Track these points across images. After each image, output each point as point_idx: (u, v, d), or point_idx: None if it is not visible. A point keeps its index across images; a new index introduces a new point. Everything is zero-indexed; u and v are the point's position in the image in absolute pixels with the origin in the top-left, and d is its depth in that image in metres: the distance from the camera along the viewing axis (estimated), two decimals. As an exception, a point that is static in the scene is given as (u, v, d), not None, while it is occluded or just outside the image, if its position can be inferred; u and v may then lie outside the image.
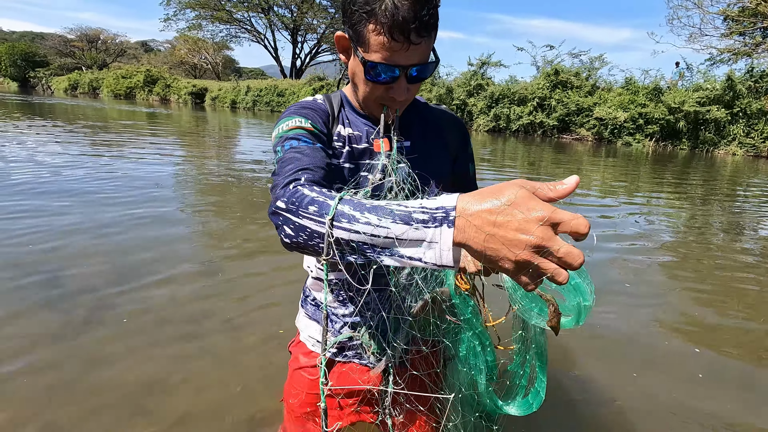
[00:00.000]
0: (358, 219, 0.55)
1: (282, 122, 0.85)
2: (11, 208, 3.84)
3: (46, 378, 1.75)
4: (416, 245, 0.52)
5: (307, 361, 1.06)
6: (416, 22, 0.72)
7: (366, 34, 0.76)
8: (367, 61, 0.77)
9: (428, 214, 0.51)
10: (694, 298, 2.97)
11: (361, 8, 0.75)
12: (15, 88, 40.84)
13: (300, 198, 0.62)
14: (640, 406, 1.84)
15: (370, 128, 0.92)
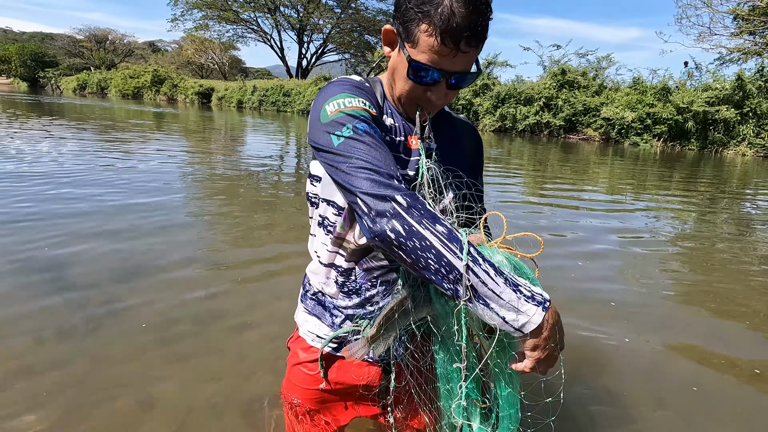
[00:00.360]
0: (479, 262, 0.66)
1: (339, 97, 0.80)
2: (21, 208, 3.88)
3: (54, 374, 1.77)
4: (511, 310, 0.66)
5: (306, 356, 1.04)
6: (469, 31, 0.73)
7: (417, 33, 0.75)
8: (413, 60, 0.77)
9: (531, 293, 0.68)
10: (703, 300, 2.95)
11: (417, 6, 0.74)
12: (25, 88, 41.30)
13: (424, 208, 0.69)
14: (646, 412, 1.82)
15: (404, 124, 0.91)
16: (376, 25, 35.78)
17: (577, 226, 4.54)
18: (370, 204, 0.70)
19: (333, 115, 0.77)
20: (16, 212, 3.72)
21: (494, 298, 0.66)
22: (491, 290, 0.66)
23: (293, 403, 1.09)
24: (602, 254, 3.69)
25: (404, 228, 0.67)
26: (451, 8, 0.72)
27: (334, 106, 0.78)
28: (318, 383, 1.03)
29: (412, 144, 0.90)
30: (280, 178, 6.52)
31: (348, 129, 0.75)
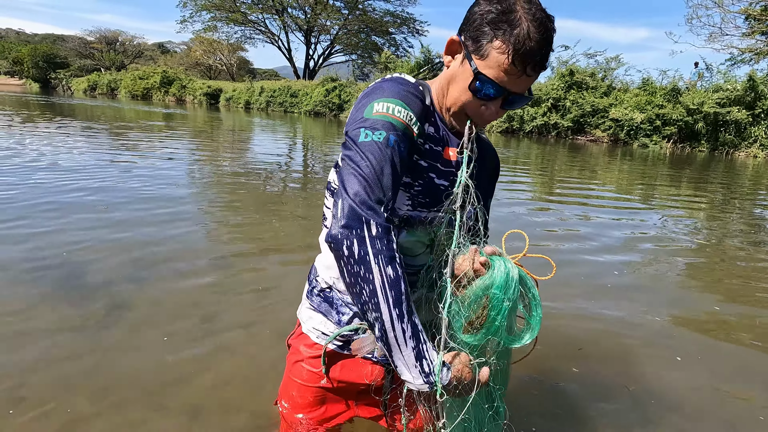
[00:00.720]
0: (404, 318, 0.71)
1: (392, 102, 0.80)
2: (34, 204, 3.94)
3: (67, 369, 1.79)
4: (405, 369, 0.73)
5: (309, 352, 1.04)
6: (539, 56, 0.76)
7: (488, 49, 0.77)
8: (480, 73, 0.78)
9: (430, 371, 0.73)
10: (713, 299, 2.91)
11: (493, 23, 0.76)
12: (37, 89, 41.90)
13: (387, 246, 0.71)
14: (663, 406, 1.80)
15: (445, 134, 0.91)
16: (383, 26, 35.83)
17: (588, 224, 4.51)
18: (346, 212, 0.71)
19: (377, 115, 0.78)
20: (31, 212, 3.77)
21: (397, 353, 0.73)
22: (398, 347, 0.72)
23: (291, 406, 1.09)
24: (612, 249, 3.66)
25: (359, 253, 0.70)
26: (528, 32, 0.74)
27: (383, 107, 0.79)
28: (320, 380, 1.03)
29: (450, 155, 0.91)
30: (288, 177, 6.54)
31: (380, 134, 0.76)
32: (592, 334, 2.38)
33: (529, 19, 0.75)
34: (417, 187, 0.88)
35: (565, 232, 4.33)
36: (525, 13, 0.76)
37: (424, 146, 0.89)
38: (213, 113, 21.05)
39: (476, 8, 0.79)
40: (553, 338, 2.27)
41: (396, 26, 36.20)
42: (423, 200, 0.89)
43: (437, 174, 0.90)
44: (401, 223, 0.90)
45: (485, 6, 0.78)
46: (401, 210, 0.89)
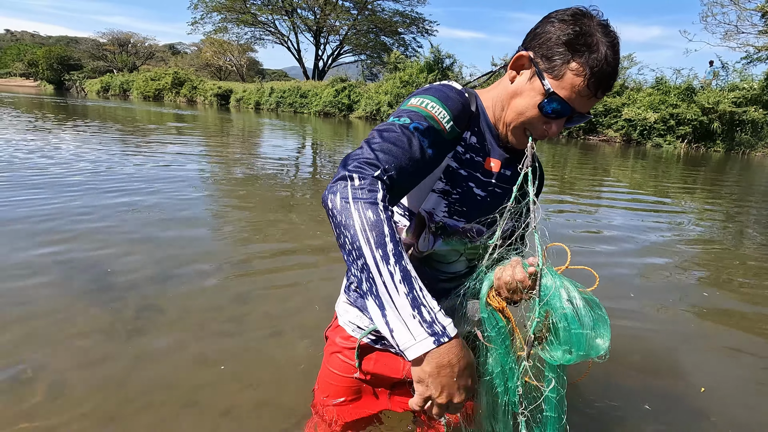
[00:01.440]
0: (389, 262, 0.63)
1: (428, 98, 0.82)
2: (60, 208, 4.01)
3: (100, 372, 1.82)
4: (401, 325, 0.63)
5: (345, 343, 1.07)
6: (612, 80, 0.80)
7: (563, 69, 0.78)
8: (553, 93, 0.79)
9: (433, 320, 0.63)
10: (728, 307, 2.86)
11: (571, 45, 0.77)
12: (51, 90, 42.60)
13: (370, 194, 0.66)
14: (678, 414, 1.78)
15: (492, 146, 0.92)
16: (393, 27, 35.82)
17: (609, 225, 4.47)
18: (339, 170, 0.69)
19: (410, 107, 0.80)
20: (56, 215, 3.84)
21: (388, 303, 0.62)
22: (389, 296, 0.62)
23: (322, 401, 1.11)
24: (621, 260, 3.62)
25: (341, 202, 0.65)
26: (605, 56, 0.77)
27: (418, 101, 0.81)
28: (353, 372, 1.06)
29: (491, 166, 0.92)
30: (300, 177, 6.57)
31: (405, 120, 0.77)
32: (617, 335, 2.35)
33: (607, 42, 0.77)
34: (455, 195, 0.90)
35: (584, 234, 4.30)
36: (603, 36, 0.77)
37: (465, 156, 0.89)
38: (224, 114, 21.23)
39: (550, 27, 0.80)
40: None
41: (405, 26, 36.18)
42: (460, 209, 0.91)
43: (476, 184, 0.91)
44: (438, 230, 0.91)
45: (562, 26, 0.78)
46: (437, 216, 0.90)
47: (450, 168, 0.89)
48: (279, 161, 7.90)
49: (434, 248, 0.92)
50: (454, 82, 0.91)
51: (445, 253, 0.94)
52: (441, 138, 0.79)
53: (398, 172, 0.71)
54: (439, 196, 0.89)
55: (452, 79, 0.96)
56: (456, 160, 0.89)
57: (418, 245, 0.92)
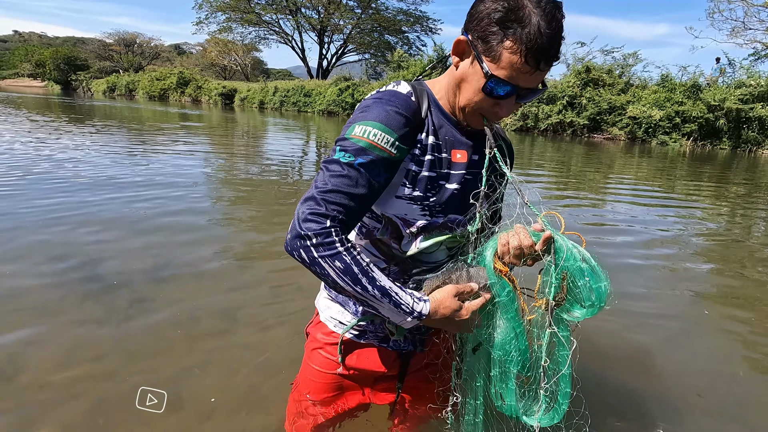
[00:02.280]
0: (367, 289, 0.80)
1: (370, 125, 0.81)
2: (56, 203, 4.05)
3: (88, 368, 1.84)
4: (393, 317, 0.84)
5: (327, 339, 1.07)
6: (551, 51, 0.76)
7: (499, 49, 0.76)
8: (492, 75, 0.78)
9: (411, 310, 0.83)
10: (732, 305, 2.84)
11: (502, 23, 0.75)
12: (58, 90, 42.97)
13: (328, 247, 0.78)
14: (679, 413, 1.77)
15: (454, 137, 0.91)
16: (396, 25, 35.79)
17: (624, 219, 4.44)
18: (294, 226, 0.79)
19: (353, 138, 0.81)
20: (51, 211, 3.88)
21: (382, 310, 0.83)
22: (378, 307, 0.82)
23: (303, 398, 1.11)
24: (625, 259, 3.60)
25: (309, 258, 0.79)
26: (538, 28, 0.73)
27: (360, 131, 0.81)
28: (336, 368, 1.06)
29: (458, 157, 0.91)
30: (302, 175, 6.59)
31: (349, 156, 0.80)
32: (613, 331, 2.35)
33: (539, 13, 0.73)
34: (432, 198, 0.90)
35: (590, 227, 4.27)
36: (534, 7, 0.74)
37: (427, 157, 0.89)
38: (228, 113, 21.32)
39: (481, 6, 0.77)
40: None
41: (409, 25, 36.14)
42: (439, 208, 0.91)
43: (447, 180, 0.91)
44: (419, 231, 0.92)
45: (491, 4, 0.76)
46: (418, 221, 0.91)
47: (413, 172, 0.88)
48: (282, 159, 7.92)
49: (418, 247, 0.93)
50: (403, 83, 0.89)
51: (426, 247, 0.94)
52: (390, 161, 0.82)
53: (348, 213, 0.80)
54: (409, 203, 0.89)
55: (404, 78, 0.96)
56: (417, 164, 0.88)
57: (402, 246, 0.93)
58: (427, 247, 0.94)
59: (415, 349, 1.05)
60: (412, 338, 1.04)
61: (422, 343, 1.05)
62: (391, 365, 1.05)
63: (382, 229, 0.94)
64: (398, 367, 1.07)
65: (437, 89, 0.92)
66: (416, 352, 1.06)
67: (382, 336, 1.03)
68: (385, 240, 0.94)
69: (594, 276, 0.78)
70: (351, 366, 1.05)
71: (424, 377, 1.09)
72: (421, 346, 1.05)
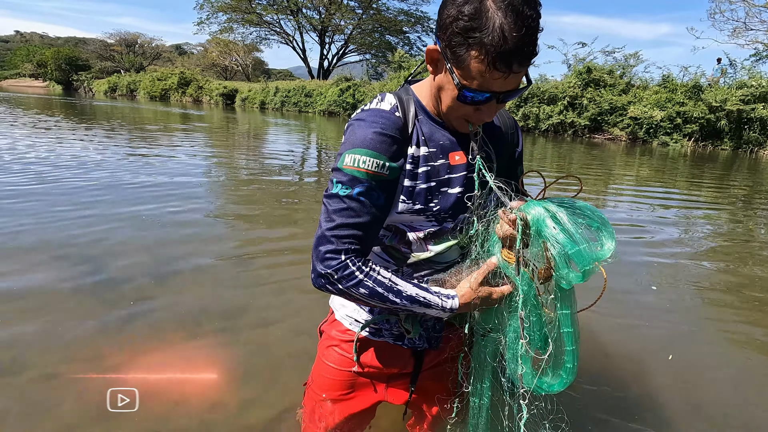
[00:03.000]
0: (397, 303, 0.85)
1: (358, 153, 0.82)
2: (58, 203, 4.06)
3: (95, 364, 1.85)
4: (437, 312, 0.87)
5: (342, 336, 1.07)
6: (521, 54, 0.71)
7: (466, 59, 0.74)
8: (463, 86, 0.77)
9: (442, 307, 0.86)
10: (736, 305, 2.84)
11: (465, 32, 0.71)
12: (59, 90, 43.03)
13: (348, 278, 0.82)
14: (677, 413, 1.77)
15: (448, 140, 0.90)
16: (397, 26, 35.80)
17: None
18: (315, 268, 0.83)
19: (346, 168, 0.82)
20: (55, 211, 3.89)
21: (418, 311, 0.87)
22: (413, 311, 0.86)
23: (317, 396, 1.11)
24: (627, 258, 3.60)
25: (337, 291, 0.83)
26: (502, 33, 0.69)
27: (351, 160, 0.82)
28: (351, 365, 1.06)
29: (456, 159, 0.90)
30: (303, 175, 6.60)
31: (346, 189, 0.81)
32: (613, 327, 2.35)
33: (503, 14, 0.69)
34: (435, 207, 0.90)
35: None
36: (497, 8, 0.69)
37: (418, 170, 0.88)
38: (229, 113, 21.34)
39: (446, 13, 0.74)
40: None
41: (410, 25, 36.15)
42: (446, 214, 0.91)
43: (449, 185, 0.90)
44: (428, 237, 0.93)
45: (453, 11, 0.72)
46: (425, 228, 0.92)
47: (409, 188, 0.88)
48: (283, 158, 7.93)
49: (431, 251, 0.94)
50: (388, 96, 0.88)
51: (439, 250, 0.95)
52: (386, 182, 0.83)
53: (360, 241, 0.83)
54: (412, 215, 0.90)
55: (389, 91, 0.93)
56: (411, 178, 0.88)
57: (413, 252, 0.94)
58: (440, 251, 0.95)
59: (430, 346, 1.05)
60: (428, 336, 1.03)
61: (437, 341, 1.04)
62: (405, 363, 1.06)
63: (390, 236, 0.94)
64: (412, 365, 1.07)
65: (424, 95, 0.91)
66: (430, 350, 1.06)
67: (397, 334, 1.03)
68: (395, 245, 0.95)
69: (568, 242, 0.75)
70: (366, 364, 1.06)
71: (437, 375, 1.08)
72: (436, 343, 1.04)
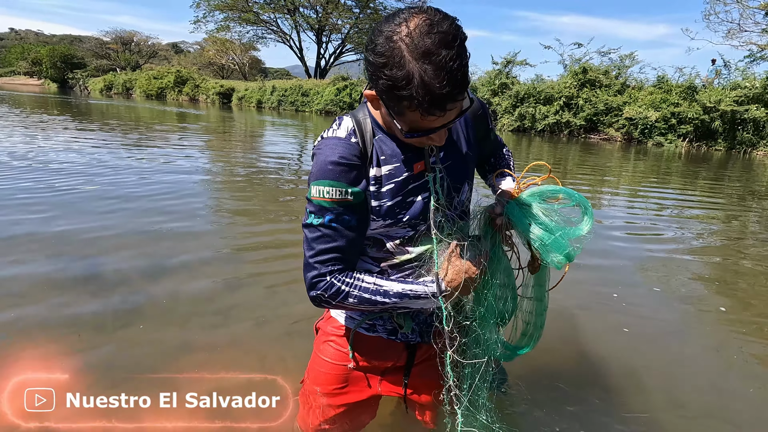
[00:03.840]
0: (387, 302, 0.91)
1: (322, 184, 0.86)
2: (52, 201, 4.05)
3: (86, 368, 1.86)
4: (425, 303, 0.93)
5: (338, 332, 1.10)
6: (450, 96, 0.71)
7: (401, 109, 0.75)
8: (406, 132, 0.80)
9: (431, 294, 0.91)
10: (728, 302, 2.88)
11: (391, 90, 0.72)
12: (55, 89, 42.72)
13: (336, 292, 0.90)
14: (667, 413, 1.80)
15: (410, 152, 0.92)
16: (395, 25, 35.68)
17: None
18: (307, 289, 0.92)
19: (315, 200, 0.88)
20: (48, 209, 3.89)
21: (410, 306, 0.92)
22: (405, 307, 0.93)
23: (312, 391, 1.14)
24: (625, 255, 3.64)
25: (330, 307, 0.94)
26: (424, 85, 0.69)
27: (316, 192, 0.87)
28: (346, 359, 1.09)
29: (418, 168, 0.93)
30: (299, 175, 6.61)
31: (318, 218, 0.88)
32: (605, 323, 2.38)
33: (419, 67, 0.68)
34: (405, 218, 0.94)
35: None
36: (414, 59, 0.69)
37: (382, 189, 0.91)
38: (226, 112, 21.28)
39: (371, 61, 0.74)
40: (556, 336, 2.28)
41: (407, 25, 36.05)
42: (416, 220, 0.95)
43: (415, 193, 0.93)
44: (405, 242, 0.97)
45: (377, 71, 0.73)
46: (400, 234, 0.96)
47: (375, 208, 0.92)
48: (279, 157, 7.93)
49: (411, 252, 0.97)
50: (345, 120, 0.91)
51: (420, 251, 0.98)
52: (353, 205, 0.88)
53: (341, 260, 0.90)
54: (386, 229, 0.94)
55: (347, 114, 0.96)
56: (377, 198, 0.91)
57: (395, 256, 0.98)
58: (420, 252, 0.98)
59: (422, 340, 1.08)
60: (420, 330, 1.07)
61: (429, 335, 1.07)
62: (399, 357, 1.09)
63: (370, 245, 0.99)
64: (405, 358, 1.10)
65: (379, 114, 0.92)
66: (422, 344, 1.09)
67: (390, 329, 1.06)
68: (375, 255, 0.99)
69: (545, 237, 0.89)
70: (360, 358, 1.09)
71: (430, 367, 1.11)
72: (428, 337, 1.07)
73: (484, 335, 0.97)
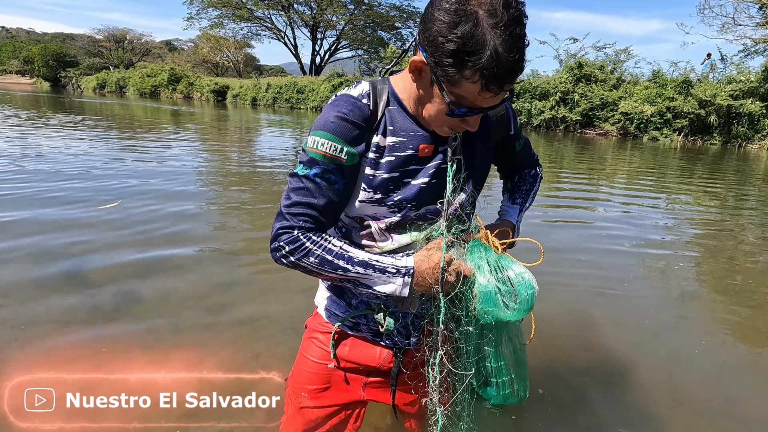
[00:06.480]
0: (349, 269, 0.87)
1: (320, 135, 0.84)
2: (40, 198, 4.01)
3: (74, 367, 1.84)
4: (388, 287, 0.88)
5: (321, 329, 1.08)
6: (514, 75, 0.72)
7: (458, 78, 0.73)
8: (452, 104, 0.76)
9: (396, 270, 0.87)
10: (723, 298, 2.89)
11: (458, 54, 0.70)
12: (47, 87, 42.31)
13: (300, 249, 0.86)
14: (666, 405, 1.80)
15: (420, 133, 0.89)
16: (389, 21, 35.64)
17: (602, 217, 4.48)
18: (271, 237, 0.88)
19: (308, 150, 0.86)
20: (36, 206, 3.85)
21: (374, 283, 0.88)
22: (367, 280, 0.88)
23: (295, 390, 1.12)
24: (620, 249, 3.64)
25: (290, 263, 0.88)
26: (497, 56, 0.69)
27: (312, 142, 0.85)
28: (328, 359, 1.07)
29: (427, 152, 0.90)
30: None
31: (305, 168, 0.86)
32: (598, 321, 2.38)
33: (497, 36, 0.68)
34: (396, 197, 0.90)
35: (583, 221, 4.31)
36: (490, 27, 0.68)
37: (381, 159, 0.88)
38: (221, 110, 21.16)
39: (434, 28, 0.71)
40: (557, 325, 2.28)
41: (402, 21, 36.00)
42: (407, 204, 0.91)
43: (414, 176, 0.90)
44: (391, 227, 0.93)
45: (444, 28, 0.70)
46: (387, 218, 0.92)
47: (370, 176, 0.88)
48: (273, 154, 7.89)
49: (395, 242, 0.94)
50: (363, 83, 0.89)
51: (405, 242, 0.95)
52: (343, 167, 0.85)
53: (314, 220, 0.87)
54: (374, 205, 0.90)
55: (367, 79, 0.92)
56: (373, 167, 0.88)
57: (378, 243, 0.94)
58: (406, 244, 0.95)
59: (408, 342, 1.04)
60: (406, 333, 1.03)
61: (415, 337, 1.04)
62: (382, 360, 1.06)
63: (358, 228, 0.95)
64: (390, 362, 1.07)
65: (401, 88, 0.89)
66: (409, 350, 1.06)
67: (375, 330, 1.04)
68: (358, 239, 0.96)
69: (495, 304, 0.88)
70: (342, 357, 1.06)
71: (418, 376, 1.09)
72: (415, 338, 1.04)
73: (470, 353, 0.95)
